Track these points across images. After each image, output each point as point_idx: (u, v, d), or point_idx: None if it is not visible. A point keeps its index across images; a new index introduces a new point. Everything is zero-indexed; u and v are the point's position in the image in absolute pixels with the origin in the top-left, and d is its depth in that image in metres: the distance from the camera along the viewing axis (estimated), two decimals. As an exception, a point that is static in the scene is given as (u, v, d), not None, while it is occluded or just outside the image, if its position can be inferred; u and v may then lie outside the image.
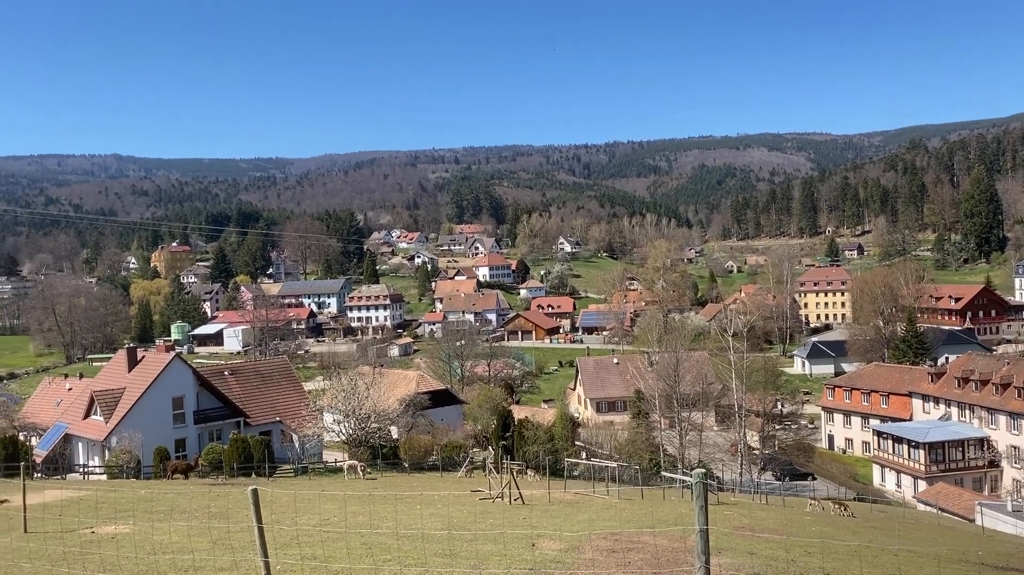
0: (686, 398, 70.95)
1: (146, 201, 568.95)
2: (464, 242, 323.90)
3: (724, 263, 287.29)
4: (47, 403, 71.32)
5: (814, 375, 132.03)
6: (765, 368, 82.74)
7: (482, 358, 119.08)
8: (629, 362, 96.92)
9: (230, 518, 22.01)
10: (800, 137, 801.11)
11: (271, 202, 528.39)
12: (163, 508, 25.22)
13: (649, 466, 57.00)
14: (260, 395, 61.39)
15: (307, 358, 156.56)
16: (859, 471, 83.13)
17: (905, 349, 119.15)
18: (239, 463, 47.13)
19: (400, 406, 61.40)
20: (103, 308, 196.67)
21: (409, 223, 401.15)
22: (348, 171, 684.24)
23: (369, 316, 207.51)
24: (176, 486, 38.01)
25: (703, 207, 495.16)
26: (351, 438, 56.54)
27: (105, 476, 48.50)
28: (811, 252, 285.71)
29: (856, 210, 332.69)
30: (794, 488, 66.32)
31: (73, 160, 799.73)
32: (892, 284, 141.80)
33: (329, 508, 25.49)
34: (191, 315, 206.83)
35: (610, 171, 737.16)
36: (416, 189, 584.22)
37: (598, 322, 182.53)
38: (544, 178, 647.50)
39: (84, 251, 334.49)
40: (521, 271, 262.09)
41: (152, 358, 58.33)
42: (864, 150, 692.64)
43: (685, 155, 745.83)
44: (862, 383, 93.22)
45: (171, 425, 54.42)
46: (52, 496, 28.33)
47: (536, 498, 31.63)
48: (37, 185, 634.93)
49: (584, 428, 79.25)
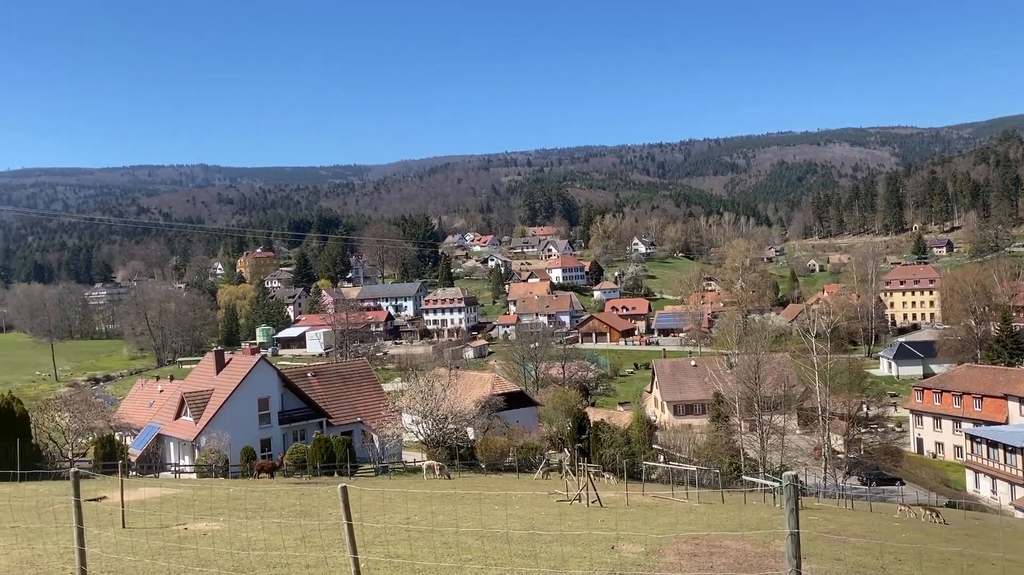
0: (767, 401, 69.42)
1: (231, 209, 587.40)
2: (537, 244, 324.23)
3: (806, 262, 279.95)
4: (140, 404, 74.45)
5: (901, 377, 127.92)
6: (849, 370, 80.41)
7: (556, 360, 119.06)
8: (707, 364, 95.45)
9: (316, 516, 22.59)
10: (884, 131, 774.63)
11: (350, 208, 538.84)
12: (252, 506, 26.03)
13: (729, 470, 56.03)
14: (341, 396, 62.71)
15: (385, 360, 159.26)
16: (951, 476, 79.92)
17: (999, 350, 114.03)
18: (322, 462, 48.21)
19: (476, 407, 61.89)
20: (192, 312, 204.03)
21: (482, 226, 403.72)
22: (423, 176, 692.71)
23: (444, 319, 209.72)
24: (262, 484, 39.16)
25: (783, 205, 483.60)
26: (429, 438, 57.27)
27: (195, 475, 50.21)
28: (897, 250, 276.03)
29: (944, 205, 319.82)
30: (881, 493, 64.20)
31: (162, 171, 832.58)
32: (985, 282, 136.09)
33: (411, 507, 25.90)
34: (275, 318, 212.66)
35: (685, 170, 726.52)
36: (489, 192, 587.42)
37: (674, 324, 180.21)
38: (617, 178, 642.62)
39: (173, 258, 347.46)
40: (594, 273, 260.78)
41: (239, 360, 60.15)
42: (952, 143, 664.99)
43: (763, 152, 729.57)
44: (953, 385, 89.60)
45: (257, 425, 56.01)
46: (147, 493, 29.56)
47: (614, 501, 31.46)
48: (129, 195, 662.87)
49: (661, 431, 78.46)
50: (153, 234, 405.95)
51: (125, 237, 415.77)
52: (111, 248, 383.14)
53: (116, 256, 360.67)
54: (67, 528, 11.76)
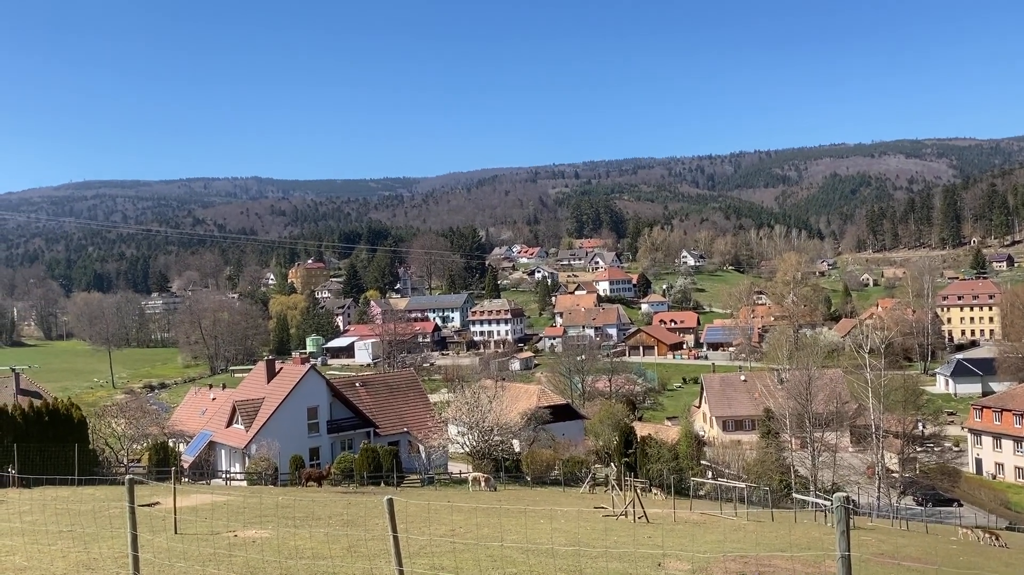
0: (819, 417, 68.02)
1: (283, 220, 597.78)
2: (584, 256, 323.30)
3: (859, 276, 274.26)
4: (193, 412, 76.06)
5: (959, 395, 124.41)
6: (905, 387, 78.47)
7: (603, 373, 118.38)
8: (757, 379, 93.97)
9: (363, 526, 22.77)
10: (941, 143, 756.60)
11: (399, 220, 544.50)
12: (300, 514, 26.34)
13: (779, 487, 55.02)
14: (389, 406, 63.19)
15: (432, 371, 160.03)
16: (1012, 498, 77.30)
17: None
18: (369, 472, 48.55)
19: (522, 420, 61.83)
20: (244, 322, 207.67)
21: (529, 238, 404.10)
22: (471, 188, 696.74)
23: (491, 330, 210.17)
24: (310, 493, 39.61)
25: (835, 218, 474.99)
26: (475, 450, 57.35)
27: (245, 482, 50.96)
28: (954, 264, 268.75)
29: (1005, 219, 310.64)
30: (937, 514, 62.39)
31: (218, 183, 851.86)
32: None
33: (457, 519, 25.95)
34: (325, 328, 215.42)
35: (735, 182, 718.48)
36: (536, 204, 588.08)
37: (724, 338, 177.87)
38: (666, 191, 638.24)
39: (227, 268, 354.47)
40: (642, 285, 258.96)
41: (289, 370, 61.03)
42: (1014, 155, 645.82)
43: (815, 164, 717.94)
44: (1014, 404, 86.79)
45: (306, 434, 56.71)
46: (198, 500, 30.12)
47: (661, 517, 31.12)
48: (185, 207, 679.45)
49: (710, 447, 77.39)
50: (208, 245, 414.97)
51: (181, 248, 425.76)
52: (167, 258, 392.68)
53: (172, 266, 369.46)
54: (121, 533, 12.04)
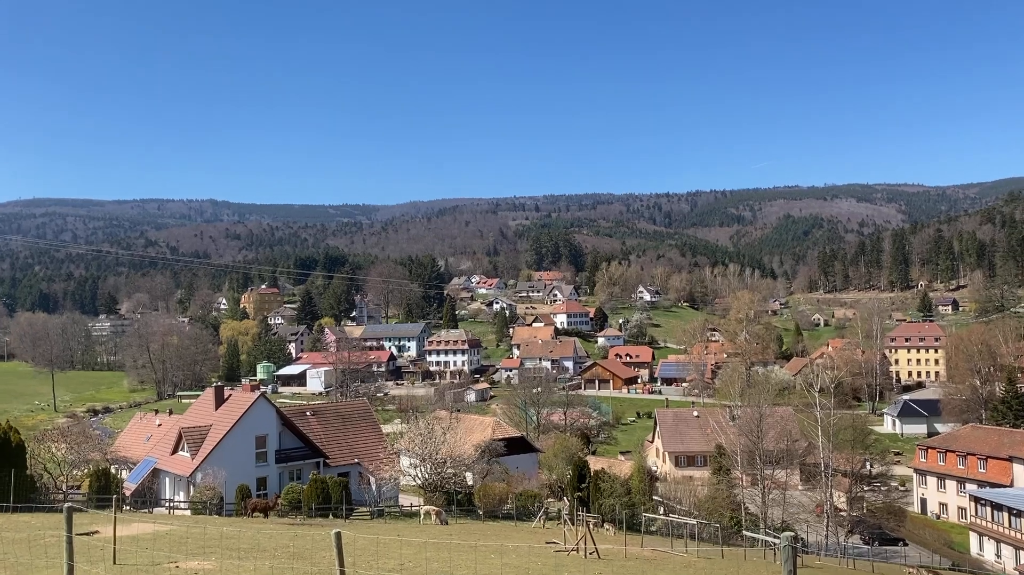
0: (769, 455, 68.74)
1: (238, 244, 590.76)
2: (543, 289, 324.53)
3: (810, 316, 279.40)
4: (138, 438, 74.08)
5: (905, 435, 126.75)
6: (853, 426, 79.63)
7: (558, 406, 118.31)
8: (710, 415, 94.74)
9: (309, 559, 22.28)
10: (890, 188, 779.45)
11: (357, 247, 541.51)
12: (245, 546, 25.69)
13: (730, 524, 55.27)
14: (340, 436, 62.27)
15: (386, 401, 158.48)
16: (954, 538, 78.62)
17: (1004, 411, 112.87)
18: (317, 504, 47.69)
19: (476, 452, 61.37)
20: (194, 347, 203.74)
21: (489, 269, 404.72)
22: (431, 218, 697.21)
23: (447, 360, 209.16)
24: (256, 524, 38.70)
25: (788, 258, 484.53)
26: (427, 482, 56.69)
27: (189, 511, 49.69)
28: (902, 306, 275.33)
29: (950, 264, 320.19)
30: (884, 553, 63.14)
31: (172, 204, 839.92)
32: (990, 342, 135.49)
33: (406, 553, 25.54)
34: (277, 355, 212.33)
35: (692, 220, 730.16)
36: (496, 236, 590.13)
37: (677, 373, 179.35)
38: (624, 226, 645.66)
39: (178, 291, 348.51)
40: (599, 319, 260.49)
41: (238, 397, 59.91)
42: (959, 202, 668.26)
43: (769, 205, 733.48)
44: (958, 445, 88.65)
45: (254, 463, 55.56)
46: (140, 529, 29.22)
47: (612, 553, 31.00)
48: (138, 228, 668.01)
49: (662, 482, 77.56)
50: (159, 267, 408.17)
51: (132, 269, 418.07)
52: (117, 280, 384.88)
53: (122, 288, 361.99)
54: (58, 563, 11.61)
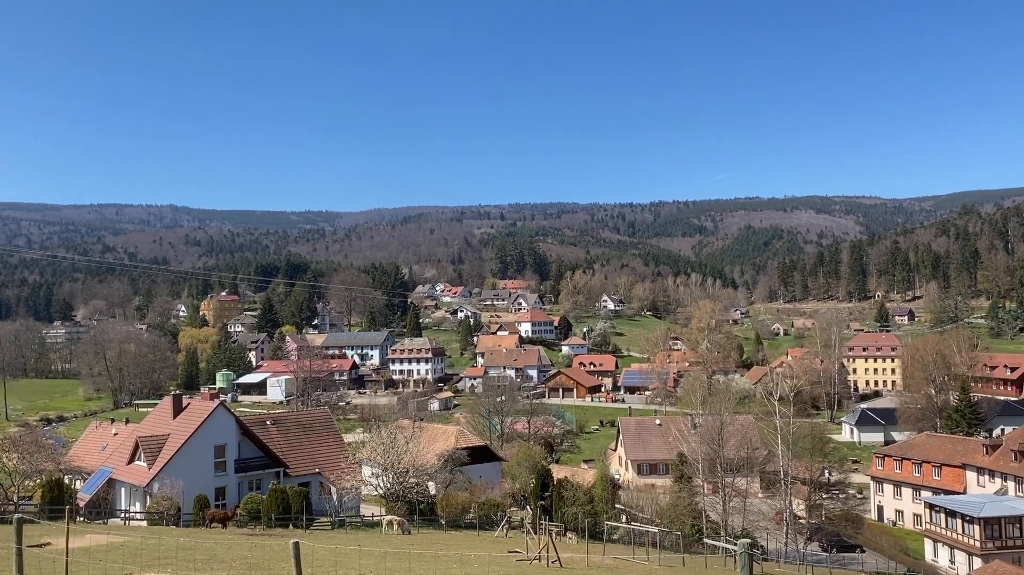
0: (730, 463, 69.37)
1: (198, 251, 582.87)
2: (507, 297, 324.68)
3: (770, 325, 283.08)
4: (93, 447, 72.47)
5: (863, 443, 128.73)
6: (812, 434, 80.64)
7: (522, 415, 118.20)
8: (672, 424, 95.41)
9: (268, 569, 21.97)
10: (849, 200, 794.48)
11: (319, 254, 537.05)
12: (202, 557, 25.26)
13: (691, 532, 55.65)
14: (300, 446, 61.56)
15: (348, 410, 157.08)
16: (910, 545, 80.00)
17: (958, 419, 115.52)
18: (277, 514, 47.10)
19: (439, 461, 61.06)
20: (152, 355, 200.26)
21: (453, 277, 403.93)
22: (395, 225, 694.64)
23: (411, 369, 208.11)
24: (214, 535, 38.08)
25: (749, 268, 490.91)
26: (389, 492, 56.26)
27: (145, 522, 48.78)
28: (860, 316, 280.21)
29: (906, 275, 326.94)
30: (841, 560, 64.05)
31: (131, 210, 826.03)
32: (944, 352, 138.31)
33: (366, 564, 25.30)
34: (237, 364, 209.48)
35: (655, 230, 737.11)
36: (461, 244, 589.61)
37: (640, 381, 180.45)
38: (588, 236, 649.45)
39: (136, 298, 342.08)
40: (563, 328, 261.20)
41: (197, 406, 58.99)
42: (915, 215, 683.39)
43: (731, 216, 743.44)
44: (913, 453, 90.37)
45: (212, 473, 54.71)
46: (94, 541, 28.59)
47: (574, 561, 31.03)
48: (95, 233, 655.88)
49: (625, 490, 77.85)
50: (117, 273, 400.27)
51: (88, 275, 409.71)
52: (73, 286, 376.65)
53: (78, 294, 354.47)
54: (5, 577, 11.31)
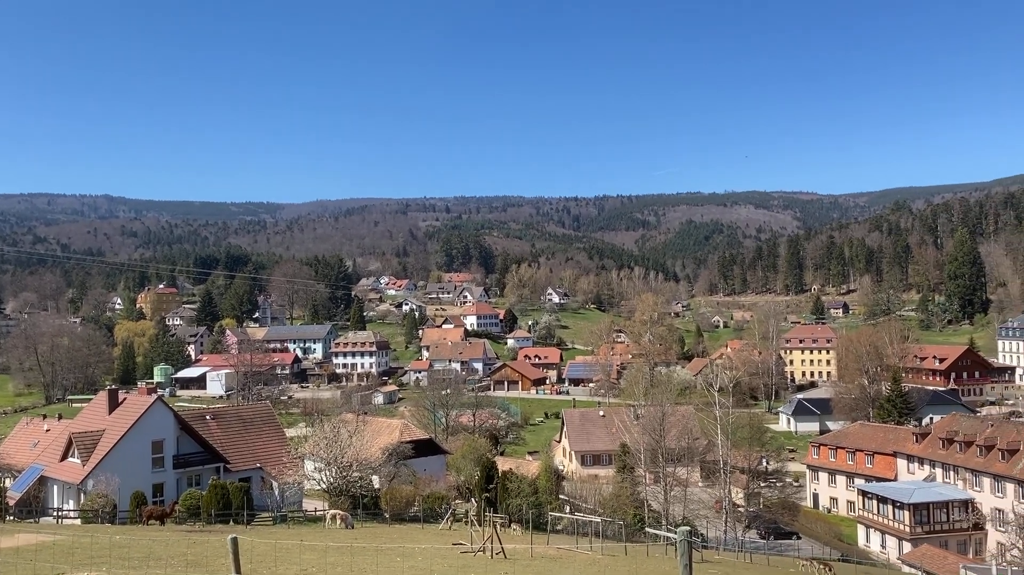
0: (671, 453, 70.56)
1: (135, 242, 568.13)
2: (453, 290, 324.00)
3: (711, 318, 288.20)
4: (23, 444, 70.17)
5: (799, 432, 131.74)
6: (750, 424, 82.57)
7: (467, 408, 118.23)
8: (615, 415, 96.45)
9: (206, 566, 21.62)
10: (786, 196, 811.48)
11: (260, 246, 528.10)
12: (138, 555, 24.72)
13: (633, 521, 56.44)
14: (241, 441, 60.65)
15: (290, 404, 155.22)
16: (844, 531, 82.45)
17: (890, 409, 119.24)
18: (217, 510, 46.37)
19: (383, 455, 60.76)
20: (86, 348, 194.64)
21: (398, 270, 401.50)
22: (339, 217, 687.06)
23: (354, 363, 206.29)
24: (152, 532, 37.29)
25: (690, 262, 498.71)
26: (332, 487, 55.77)
27: (79, 520, 47.57)
28: (797, 309, 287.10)
29: (841, 269, 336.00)
30: (779, 547, 65.69)
31: (63, 200, 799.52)
32: (877, 343, 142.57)
33: (308, 558, 25.07)
34: (175, 358, 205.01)
35: (599, 224, 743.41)
36: (406, 237, 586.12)
37: (585, 374, 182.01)
38: (534, 229, 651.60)
39: (70, 291, 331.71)
40: (509, 321, 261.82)
41: (133, 400, 57.66)
42: (849, 210, 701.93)
43: (673, 210, 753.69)
44: (847, 442, 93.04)
45: (150, 469, 53.61)
46: (25, 540, 27.76)
47: (518, 552, 31.22)
48: (25, 223, 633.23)
49: (569, 481, 78.52)
50: (49, 265, 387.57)
51: (18, 267, 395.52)
52: (1, 278, 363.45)
53: (7, 287, 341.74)
54: (-72, 579, 10.91)
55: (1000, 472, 71.17)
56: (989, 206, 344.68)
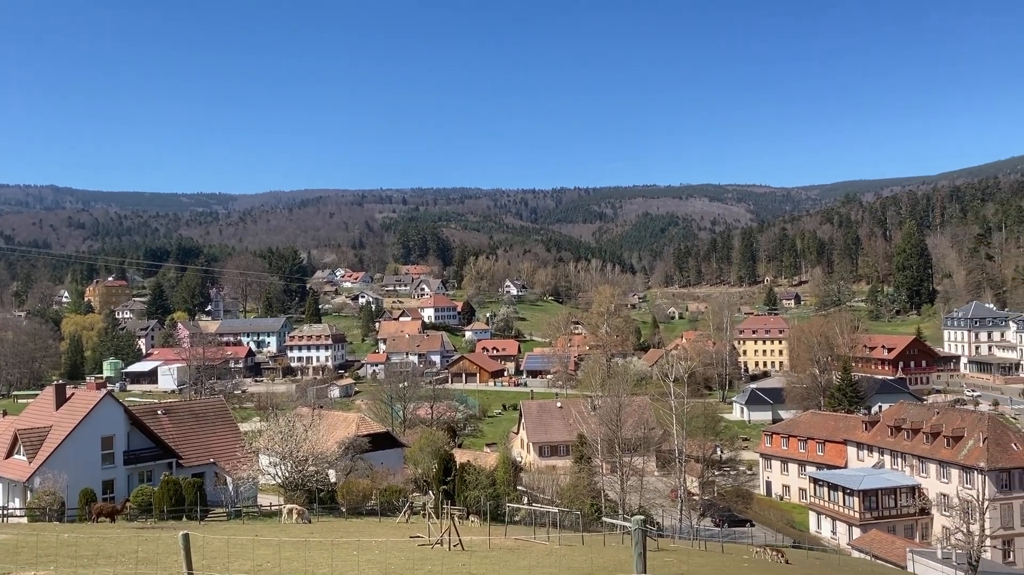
0: (628, 443, 71.17)
1: (82, 234, 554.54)
2: (410, 283, 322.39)
3: (666, 309, 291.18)
4: (-34, 442, 68.17)
5: (752, 421, 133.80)
6: (705, 414, 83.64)
7: (425, 400, 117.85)
8: (572, 406, 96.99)
9: (159, 564, 21.22)
10: (740, 189, 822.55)
11: (212, 238, 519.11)
12: (87, 553, 24.16)
13: (590, 511, 56.82)
14: (194, 436, 59.67)
15: (244, 398, 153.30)
16: (796, 518, 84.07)
17: (840, 397, 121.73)
18: (170, 506, 45.64)
19: (339, 449, 60.24)
20: (32, 343, 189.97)
21: (354, 262, 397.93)
22: (293, 208, 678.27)
23: (310, 356, 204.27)
24: (102, 530, 36.50)
25: (647, 254, 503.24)
26: (287, 481, 55.17)
27: (26, 519, 46.44)
28: (750, 300, 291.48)
29: (793, 260, 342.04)
30: (732, 534, 66.74)
31: (7, 190, 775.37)
32: (828, 333, 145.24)
33: (263, 554, 24.75)
34: (125, 352, 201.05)
35: (557, 216, 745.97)
36: (362, 229, 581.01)
37: (542, 365, 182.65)
38: (491, 221, 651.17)
39: (14, 284, 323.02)
40: (467, 313, 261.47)
41: (81, 396, 56.34)
42: (801, 203, 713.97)
43: (630, 203, 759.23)
44: (799, 430, 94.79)
45: (99, 466, 52.48)
46: (-33, 540, 26.92)
47: (476, 544, 31.22)
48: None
49: (526, 473, 78.81)
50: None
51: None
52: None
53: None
54: None
55: (945, 458, 73.18)
56: (936, 199, 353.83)
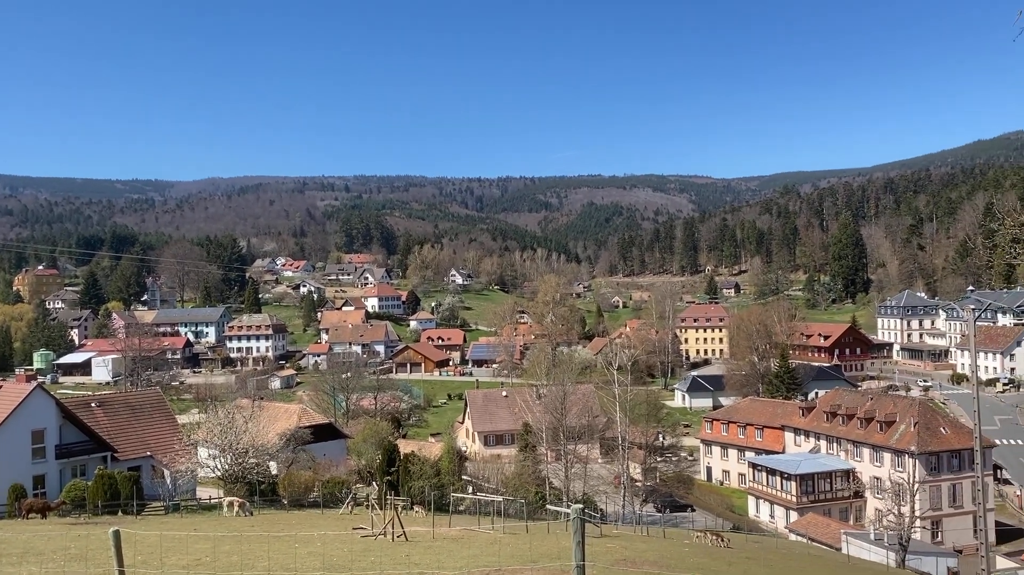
0: (572, 431, 71.71)
1: (10, 221, 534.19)
2: (353, 272, 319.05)
3: (611, 298, 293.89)
4: None
5: (693, 408, 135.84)
6: (647, 401, 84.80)
7: (368, 391, 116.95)
8: (518, 395, 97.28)
9: (91, 561, 20.56)
10: (682, 179, 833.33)
11: (148, 226, 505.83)
12: (16, 550, 23.31)
13: (535, 499, 57.08)
14: (130, 428, 58.15)
15: (182, 390, 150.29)
16: (736, 502, 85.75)
17: (778, 384, 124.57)
18: (104, 501, 44.41)
19: (280, 441, 59.39)
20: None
21: (295, 251, 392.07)
22: (232, 196, 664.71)
23: (250, 346, 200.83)
24: (32, 526, 35.30)
25: (591, 243, 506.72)
26: (227, 474, 54.16)
27: (-50, 517, 44.62)
28: (692, 289, 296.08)
29: (734, 250, 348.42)
30: (674, 519, 67.77)
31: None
32: (766, 322, 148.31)
33: (201, 548, 24.20)
34: (56, 343, 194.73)
35: (502, 205, 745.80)
36: (304, 216, 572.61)
37: (488, 355, 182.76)
38: (437, 210, 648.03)
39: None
40: (412, 302, 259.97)
41: (10, 388, 54.36)
42: (742, 194, 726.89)
43: (575, 192, 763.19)
44: (738, 416, 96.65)
45: (29, 460, 50.74)
46: None
47: (420, 534, 31.06)
48: None
49: (472, 462, 78.77)
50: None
51: None
52: None
53: None
54: None
55: (878, 443, 75.45)
56: (871, 190, 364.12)
